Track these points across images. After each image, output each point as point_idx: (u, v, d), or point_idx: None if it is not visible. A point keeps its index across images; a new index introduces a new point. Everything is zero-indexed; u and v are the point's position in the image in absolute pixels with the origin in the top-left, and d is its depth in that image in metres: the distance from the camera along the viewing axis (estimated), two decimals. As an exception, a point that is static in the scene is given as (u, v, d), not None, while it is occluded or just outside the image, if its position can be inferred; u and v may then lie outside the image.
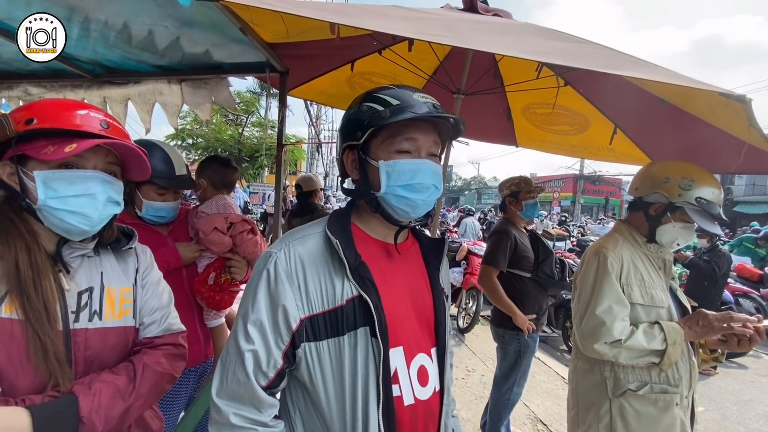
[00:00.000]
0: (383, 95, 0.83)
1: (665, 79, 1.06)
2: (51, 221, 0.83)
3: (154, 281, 1.04)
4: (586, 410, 1.47)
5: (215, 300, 1.56)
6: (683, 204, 1.37)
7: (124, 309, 0.94)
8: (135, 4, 1.60)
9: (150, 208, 1.47)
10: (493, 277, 2.52)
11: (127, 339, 0.94)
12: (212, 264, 1.59)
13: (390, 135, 0.82)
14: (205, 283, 1.56)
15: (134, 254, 1.02)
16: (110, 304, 0.91)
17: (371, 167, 0.84)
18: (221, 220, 1.56)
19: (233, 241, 1.59)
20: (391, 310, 0.81)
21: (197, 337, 1.60)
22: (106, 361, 0.89)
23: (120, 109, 2.49)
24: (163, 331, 1.00)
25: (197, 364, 1.61)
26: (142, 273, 1.02)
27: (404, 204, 0.83)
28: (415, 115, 0.79)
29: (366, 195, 0.85)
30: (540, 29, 1.54)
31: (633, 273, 1.41)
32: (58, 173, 0.82)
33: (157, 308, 1.01)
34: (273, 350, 0.77)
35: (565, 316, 5.01)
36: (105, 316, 0.89)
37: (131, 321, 0.95)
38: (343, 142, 0.88)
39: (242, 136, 15.22)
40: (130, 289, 0.96)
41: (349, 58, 2.31)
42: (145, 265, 1.04)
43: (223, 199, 1.76)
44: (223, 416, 0.76)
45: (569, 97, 2.24)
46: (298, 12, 1.04)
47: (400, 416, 0.80)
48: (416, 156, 0.84)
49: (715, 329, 1.32)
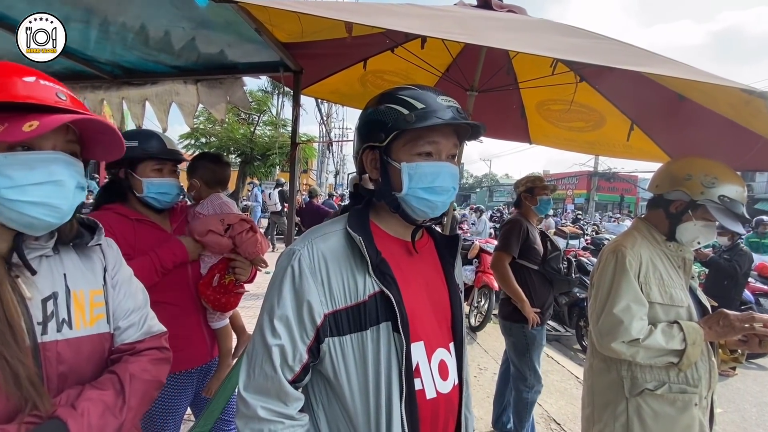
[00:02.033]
0: (406, 97, 0.83)
1: (686, 76, 1.04)
2: (8, 215, 0.69)
3: (125, 279, 0.92)
4: (602, 409, 1.45)
5: (221, 302, 1.55)
6: (705, 202, 1.34)
7: (96, 314, 0.82)
8: (153, 6, 1.63)
9: (150, 185, 1.44)
10: (506, 263, 2.62)
11: (103, 347, 0.83)
12: (216, 265, 1.57)
13: (413, 138, 0.83)
14: (210, 285, 1.54)
15: (99, 250, 0.89)
16: (79, 310, 0.79)
17: (392, 168, 0.85)
18: (216, 222, 1.53)
19: (233, 242, 1.56)
20: (411, 305, 0.83)
21: (203, 338, 1.59)
22: (82, 374, 0.78)
23: (138, 109, 2.54)
24: (143, 334, 0.90)
25: (202, 364, 1.61)
26: (111, 271, 0.89)
27: (424, 205, 0.85)
28: (442, 122, 0.80)
29: (387, 196, 0.86)
30: (556, 25, 1.52)
31: (652, 271, 1.39)
32: (12, 157, 0.68)
33: (133, 309, 0.90)
34: (299, 345, 0.79)
35: (579, 315, 4.95)
36: (76, 325, 0.78)
37: (105, 327, 0.84)
38: (363, 143, 0.88)
39: (254, 134, 15.35)
40: (100, 291, 0.85)
41: (362, 57, 2.32)
42: (113, 261, 0.91)
43: (219, 198, 1.70)
44: (251, 409, 0.78)
45: (585, 93, 2.21)
46: (315, 12, 1.05)
47: (422, 409, 0.81)
48: (437, 159, 0.85)
49: (736, 329, 1.29)
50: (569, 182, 34.94)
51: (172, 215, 1.61)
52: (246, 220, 1.62)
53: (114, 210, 1.46)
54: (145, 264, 1.38)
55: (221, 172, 1.81)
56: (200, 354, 1.59)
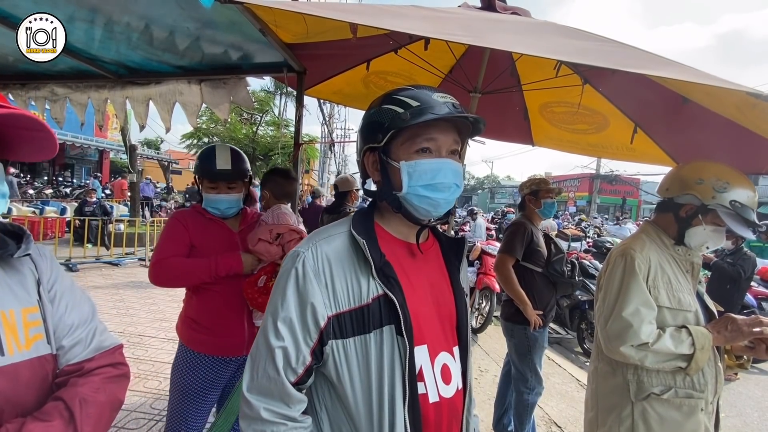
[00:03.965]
0: (402, 97, 0.83)
1: (691, 78, 1.04)
2: None
3: (65, 290, 0.81)
4: (607, 412, 1.44)
5: (258, 302, 1.63)
6: (716, 206, 1.33)
7: (32, 335, 0.72)
8: (158, 6, 1.64)
9: (207, 199, 1.69)
10: (509, 265, 2.61)
11: (45, 371, 0.73)
12: (265, 268, 1.67)
13: (410, 136, 0.83)
14: (254, 284, 1.63)
15: (30, 261, 0.77)
16: (11, 333, 0.69)
17: (392, 168, 0.85)
18: (266, 232, 1.65)
19: (282, 249, 1.67)
20: (415, 308, 0.82)
21: (242, 331, 1.68)
22: (22, 405, 0.69)
23: (141, 108, 2.55)
24: (93, 351, 0.80)
25: (238, 355, 1.70)
26: (46, 283, 0.78)
27: (426, 203, 0.84)
28: (435, 117, 0.80)
29: (388, 195, 0.86)
30: (560, 27, 1.52)
31: (660, 275, 1.38)
32: None
33: (79, 324, 0.80)
34: (302, 347, 0.78)
35: (580, 318, 4.93)
36: (9, 350, 0.68)
37: (46, 348, 0.74)
38: (364, 144, 0.88)
39: (256, 134, 15.38)
40: (34, 308, 0.74)
41: (365, 58, 2.32)
42: (48, 272, 0.79)
43: (279, 209, 1.89)
44: (254, 411, 0.78)
45: (588, 95, 2.21)
46: (321, 13, 1.05)
47: (425, 413, 0.81)
48: (437, 155, 0.84)
49: (744, 334, 1.28)
50: (571, 184, 34.89)
51: (243, 218, 1.80)
52: (296, 230, 1.73)
53: (196, 208, 1.74)
54: (204, 266, 1.59)
55: (288, 186, 2.03)
56: (236, 344, 1.68)
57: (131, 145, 10.15)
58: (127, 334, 3.97)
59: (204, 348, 1.65)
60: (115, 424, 2.45)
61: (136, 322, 4.35)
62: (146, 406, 2.72)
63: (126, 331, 4.06)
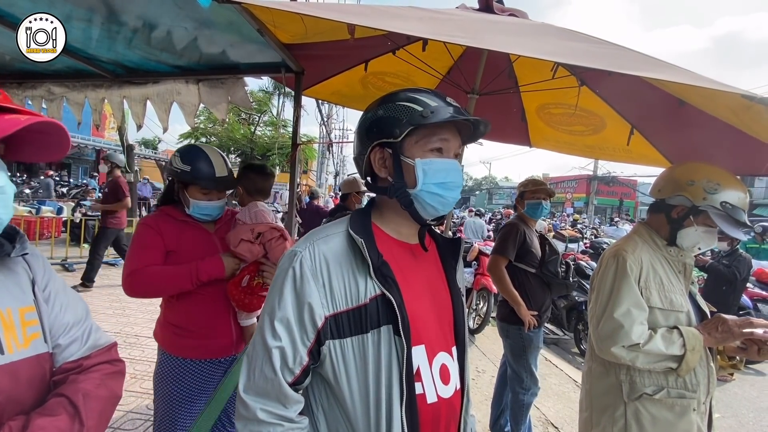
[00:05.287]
0: (420, 96, 0.85)
1: (686, 81, 1.05)
2: None
3: (58, 290, 0.83)
4: (601, 413, 1.45)
5: (244, 302, 1.62)
6: (707, 208, 1.34)
7: (29, 334, 0.74)
8: (156, 5, 1.64)
9: (196, 207, 1.61)
10: (502, 266, 2.63)
11: (43, 369, 0.76)
12: (247, 267, 1.64)
13: (426, 135, 0.85)
14: (238, 285, 1.61)
15: (23, 261, 0.79)
16: (10, 332, 0.71)
17: (406, 165, 0.86)
18: (247, 232, 1.62)
19: (264, 248, 1.65)
20: (413, 308, 0.82)
21: (229, 332, 1.67)
22: (23, 402, 0.71)
23: (139, 108, 2.54)
24: (89, 349, 0.83)
25: (227, 356, 1.69)
26: (40, 283, 0.80)
27: (437, 201, 0.86)
28: (455, 117, 0.82)
29: (400, 192, 0.86)
30: (557, 29, 1.53)
31: (652, 276, 1.39)
32: None
33: (74, 324, 0.82)
34: (299, 347, 0.78)
35: (577, 319, 4.95)
36: (8, 348, 0.69)
37: (43, 347, 0.76)
38: (371, 141, 0.88)
39: (254, 135, 15.37)
40: (31, 308, 0.76)
41: (363, 58, 2.32)
42: (41, 272, 0.81)
43: (256, 207, 1.81)
44: (250, 411, 0.78)
45: (585, 97, 2.22)
46: (319, 14, 1.05)
47: (423, 414, 0.81)
48: (447, 156, 0.87)
49: (734, 335, 1.29)
50: (568, 186, 35.02)
51: (217, 218, 1.73)
52: (276, 228, 1.70)
53: (164, 211, 1.65)
54: (184, 273, 1.53)
55: (262, 182, 1.94)
56: (224, 346, 1.67)
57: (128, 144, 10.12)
58: (123, 334, 3.95)
59: (192, 353, 1.62)
60: (111, 425, 2.44)
61: (132, 322, 4.33)
62: (142, 406, 2.71)
63: (122, 331, 4.04)
